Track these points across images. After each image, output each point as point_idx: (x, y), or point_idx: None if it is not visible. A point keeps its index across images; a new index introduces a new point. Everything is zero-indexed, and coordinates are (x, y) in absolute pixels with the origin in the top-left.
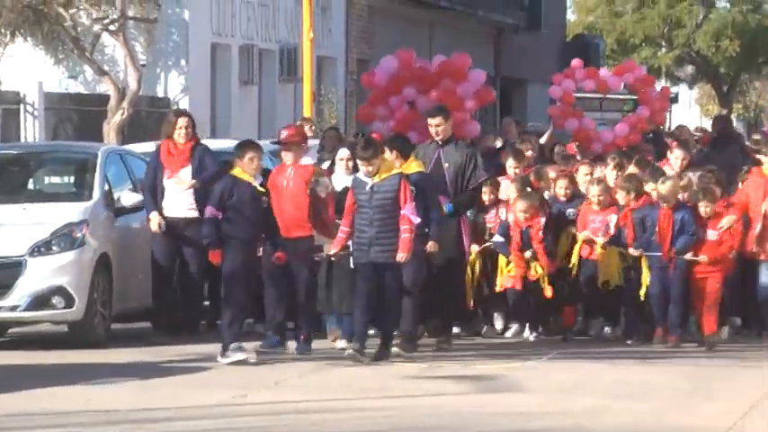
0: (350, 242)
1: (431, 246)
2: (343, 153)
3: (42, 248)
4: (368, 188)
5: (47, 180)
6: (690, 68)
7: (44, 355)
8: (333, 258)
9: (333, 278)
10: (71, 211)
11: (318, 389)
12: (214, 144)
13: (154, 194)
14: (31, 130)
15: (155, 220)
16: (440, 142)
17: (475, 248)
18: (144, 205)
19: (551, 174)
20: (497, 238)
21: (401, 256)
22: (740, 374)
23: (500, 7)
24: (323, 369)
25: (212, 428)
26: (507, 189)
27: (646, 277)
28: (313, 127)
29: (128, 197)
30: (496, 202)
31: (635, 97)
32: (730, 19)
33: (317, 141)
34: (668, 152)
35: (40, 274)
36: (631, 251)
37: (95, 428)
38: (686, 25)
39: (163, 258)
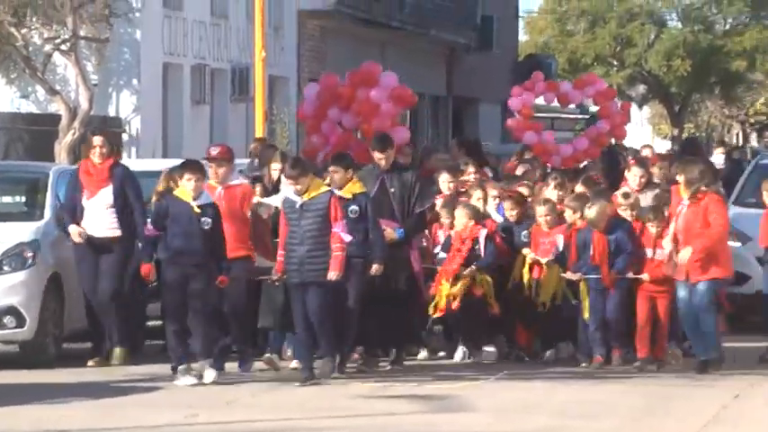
0: None
1: (376, 269)
2: None
3: None
4: (297, 206)
5: None
6: (641, 88)
7: None
8: (276, 283)
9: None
10: (22, 231)
11: (271, 408)
12: (165, 163)
13: (72, 213)
14: None
15: (74, 231)
16: (383, 166)
17: None
18: (63, 224)
19: (493, 191)
20: (442, 255)
21: (333, 275)
22: (694, 393)
23: (452, 27)
24: (276, 389)
25: None
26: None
27: (586, 302)
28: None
29: None
30: (432, 222)
31: (587, 116)
32: (681, 39)
33: (244, 161)
34: (626, 170)
35: None
36: (569, 275)
37: None
38: (637, 45)
39: (88, 281)
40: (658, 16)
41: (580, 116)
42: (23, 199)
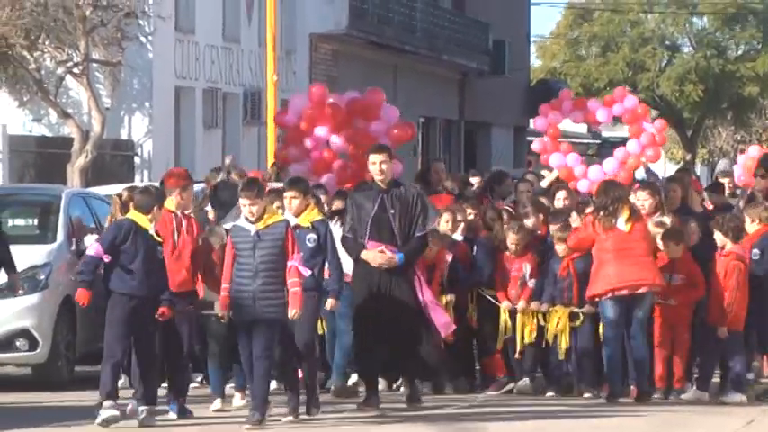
0: None
1: (332, 304)
2: None
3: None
4: (252, 234)
5: (10, 222)
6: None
7: (7, 397)
8: (222, 320)
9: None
10: (35, 254)
11: None
12: None
13: None
14: None
15: None
16: (382, 185)
17: None
18: None
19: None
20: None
21: (294, 313)
22: (707, 419)
23: (464, 51)
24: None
25: None
26: None
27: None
28: None
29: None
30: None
31: (599, 142)
32: (694, 64)
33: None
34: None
35: (3, 317)
36: (587, 309)
37: None
38: (650, 69)
39: None
40: (671, 41)
41: (592, 141)
42: (36, 222)
